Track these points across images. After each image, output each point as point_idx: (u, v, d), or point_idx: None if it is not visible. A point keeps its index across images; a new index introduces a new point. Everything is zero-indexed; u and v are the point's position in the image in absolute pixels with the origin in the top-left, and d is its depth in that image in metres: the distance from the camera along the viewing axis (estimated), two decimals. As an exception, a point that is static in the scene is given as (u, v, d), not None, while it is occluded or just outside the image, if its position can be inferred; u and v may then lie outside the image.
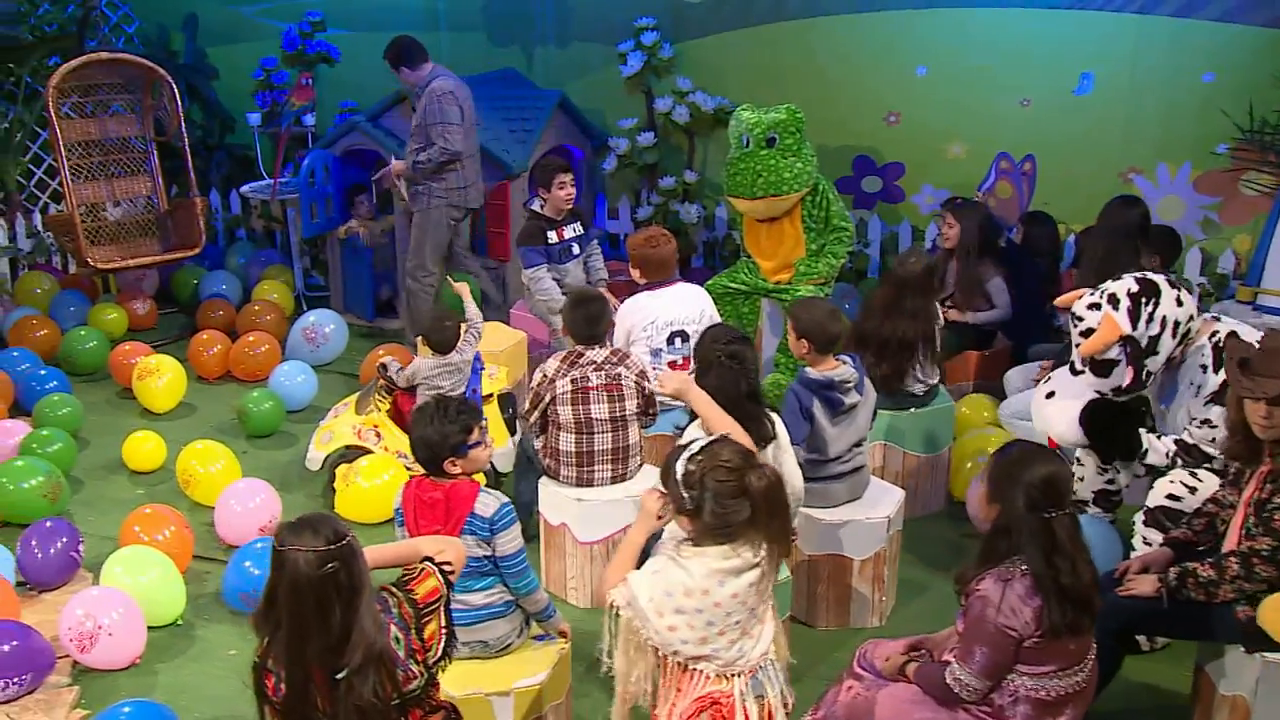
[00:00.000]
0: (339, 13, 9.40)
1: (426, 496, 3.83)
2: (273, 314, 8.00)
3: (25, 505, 5.63)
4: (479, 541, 3.79)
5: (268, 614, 2.91)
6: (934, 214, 7.97)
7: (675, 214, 8.58)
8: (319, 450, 5.89)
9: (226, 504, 5.49)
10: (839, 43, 7.95)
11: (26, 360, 7.24)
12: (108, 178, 8.32)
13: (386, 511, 5.61)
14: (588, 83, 8.78)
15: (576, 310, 4.89)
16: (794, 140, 6.76)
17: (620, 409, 4.87)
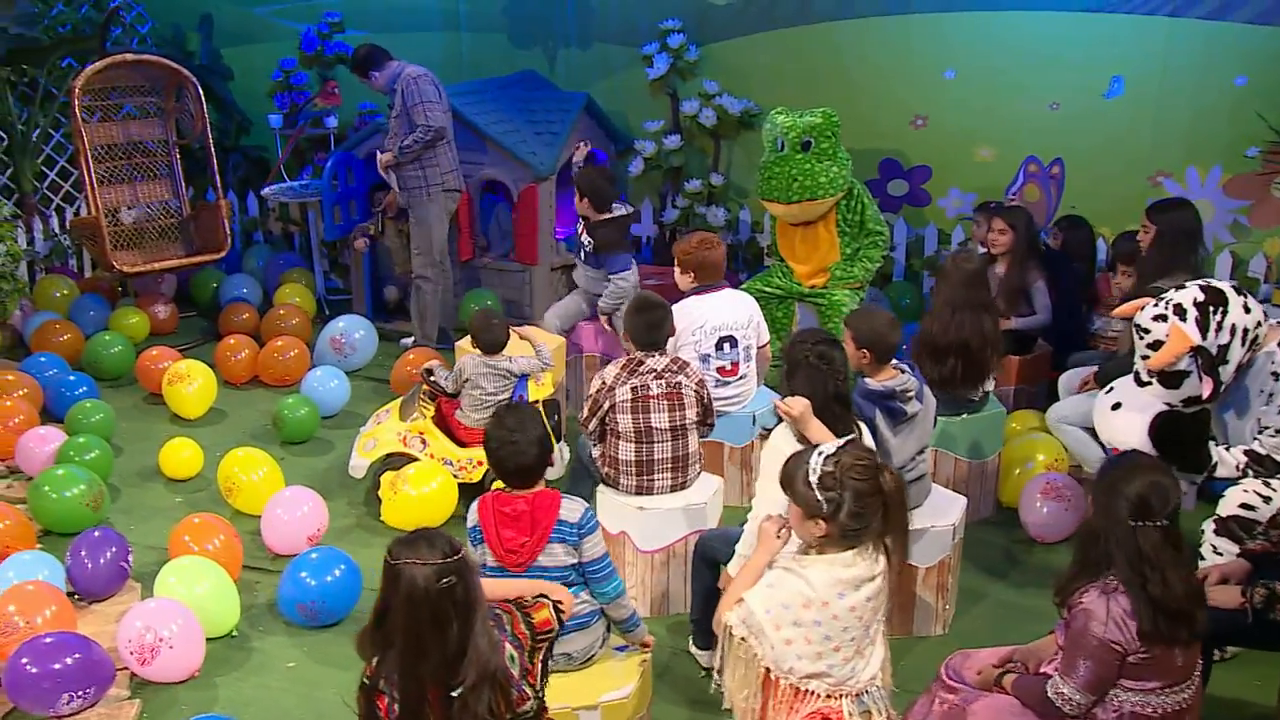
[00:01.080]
0: (357, 14, 9.33)
1: (508, 509, 3.79)
2: (298, 318, 7.93)
3: (68, 514, 5.56)
4: (567, 549, 3.76)
5: (379, 633, 2.86)
6: (960, 218, 7.97)
7: (701, 217, 8.54)
8: (363, 457, 5.83)
9: (273, 513, 5.42)
10: (866, 45, 7.92)
11: (54, 366, 7.15)
12: (129, 181, 8.22)
13: (435, 519, 5.58)
14: (610, 85, 8.73)
15: (639, 316, 4.84)
16: (829, 144, 6.75)
17: (680, 417, 4.82)
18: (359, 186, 8.24)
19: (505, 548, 3.77)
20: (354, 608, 4.92)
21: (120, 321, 8.05)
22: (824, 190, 6.77)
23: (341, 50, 9.24)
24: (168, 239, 8.39)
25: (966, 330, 5.36)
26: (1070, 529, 5.39)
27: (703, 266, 5.70)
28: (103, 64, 7.60)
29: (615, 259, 6.77)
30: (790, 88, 8.09)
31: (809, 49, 8.11)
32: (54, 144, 9.14)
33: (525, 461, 3.78)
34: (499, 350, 5.79)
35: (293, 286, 8.53)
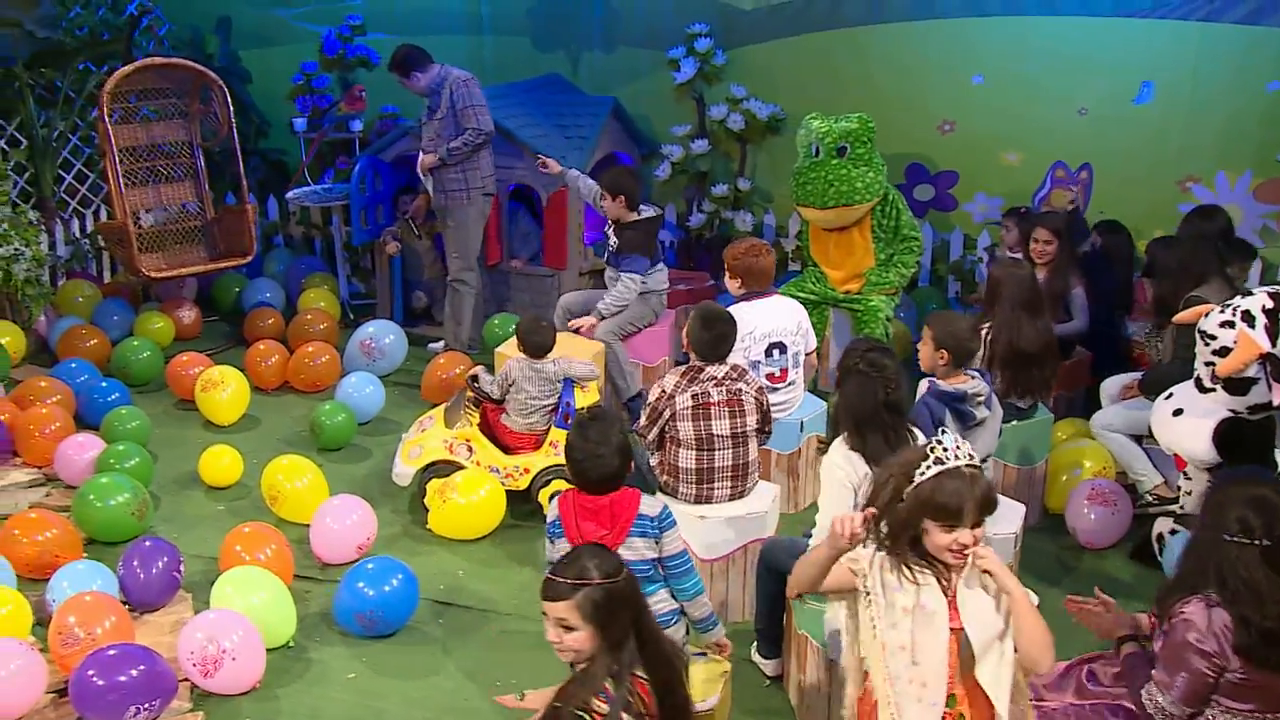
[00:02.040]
0: (379, 17, 9.28)
1: (589, 504, 3.81)
2: (325, 323, 7.88)
3: (114, 523, 5.51)
4: (648, 543, 3.78)
5: (615, 655, 2.93)
6: (987, 222, 7.97)
7: (729, 222, 8.53)
8: (408, 465, 5.79)
9: (322, 521, 5.37)
10: (894, 51, 7.92)
11: (85, 372, 7.09)
12: (151, 184, 8.15)
13: (484, 527, 5.57)
14: (634, 89, 8.71)
15: (706, 330, 4.82)
16: (865, 150, 6.77)
17: (741, 425, 4.81)
18: (385, 190, 8.19)
19: (586, 539, 3.76)
20: (411, 617, 4.87)
21: (145, 326, 7.99)
22: (860, 196, 6.78)
23: (363, 53, 9.20)
24: (191, 243, 8.32)
25: (1024, 337, 5.36)
26: (1118, 535, 5.40)
27: (750, 272, 5.69)
28: (132, 68, 7.53)
29: (633, 260, 6.77)
30: (817, 93, 8.09)
31: (836, 54, 8.11)
32: (70, 147, 9.05)
33: (608, 472, 3.79)
34: (545, 353, 5.77)
35: (317, 291, 8.48)
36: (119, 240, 7.69)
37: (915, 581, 3.10)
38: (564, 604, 2.93)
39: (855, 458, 4.00)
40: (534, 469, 5.74)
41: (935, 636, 3.08)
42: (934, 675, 3.09)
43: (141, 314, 8.19)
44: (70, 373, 7.03)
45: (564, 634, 2.96)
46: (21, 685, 4.25)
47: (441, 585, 5.20)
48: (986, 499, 3.02)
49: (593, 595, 2.92)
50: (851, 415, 4.00)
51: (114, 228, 7.70)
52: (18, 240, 7.59)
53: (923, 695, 3.09)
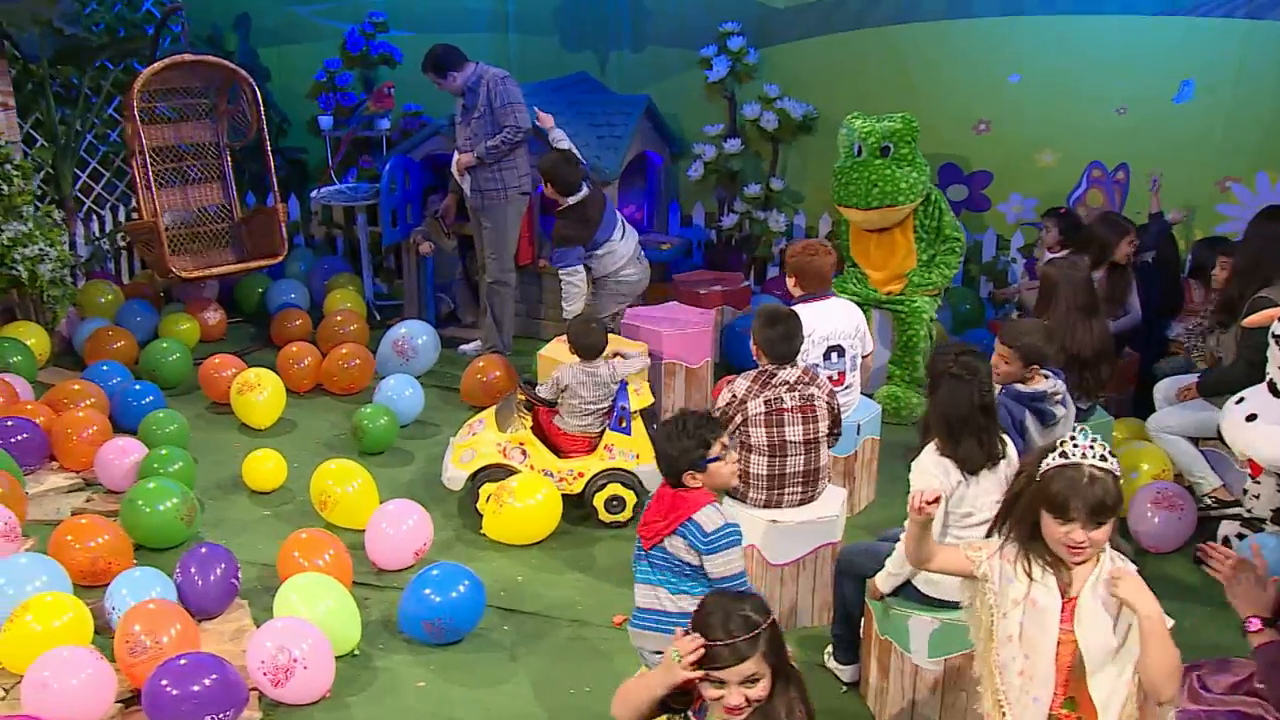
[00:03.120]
0: (402, 13, 9.24)
1: (665, 493, 3.83)
2: (355, 324, 7.82)
3: (163, 529, 5.46)
4: (689, 548, 3.72)
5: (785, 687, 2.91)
6: (1020, 223, 7.98)
7: (760, 222, 8.51)
8: (460, 469, 5.74)
9: (378, 527, 5.33)
10: (928, 50, 7.92)
11: (118, 374, 7.03)
12: (178, 184, 8.09)
13: (540, 532, 5.54)
14: (664, 88, 8.68)
15: (772, 328, 4.78)
16: (909, 150, 6.76)
17: (814, 430, 4.78)
18: (415, 190, 8.14)
19: (645, 522, 3.83)
20: (477, 624, 4.83)
21: (171, 328, 7.93)
22: (904, 196, 6.77)
23: (386, 50, 9.16)
24: (219, 243, 8.26)
25: (1080, 339, 5.35)
26: (1183, 539, 5.39)
27: (804, 272, 5.64)
28: (162, 65, 7.46)
29: (562, 254, 6.82)
30: (849, 92, 8.09)
31: (870, 53, 8.10)
32: (85, 145, 8.97)
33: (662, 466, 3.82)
34: (597, 355, 5.75)
35: (344, 292, 8.43)
36: (147, 241, 7.62)
37: (1029, 574, 3.12)
38: (751, 660, 2.85)
39: (947, 464, 3.99)
40: (588, 473, 5.71)
41: (1043, 633, 3.09)
42: (1040, 672, 3.09)
43: (166, 315, 8.13)
44: (102, 375, 6.96)
45: (749, 689, 2.87)
46: (91, 694, 4.20)
47: (502, 591, 5.16)
48: (1099, 502, 3.00)
49: (769, 637, 2.88)
50: (945, 420, 3.98)
51: (143, 227, 7.62)
52: (42, 240, 7.52)
53: (1027, 689, 3.11)
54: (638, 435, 5.77)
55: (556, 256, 6.82)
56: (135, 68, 8.98)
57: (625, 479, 5.69)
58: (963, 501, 4.03)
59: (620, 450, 5.72)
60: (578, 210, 6.82)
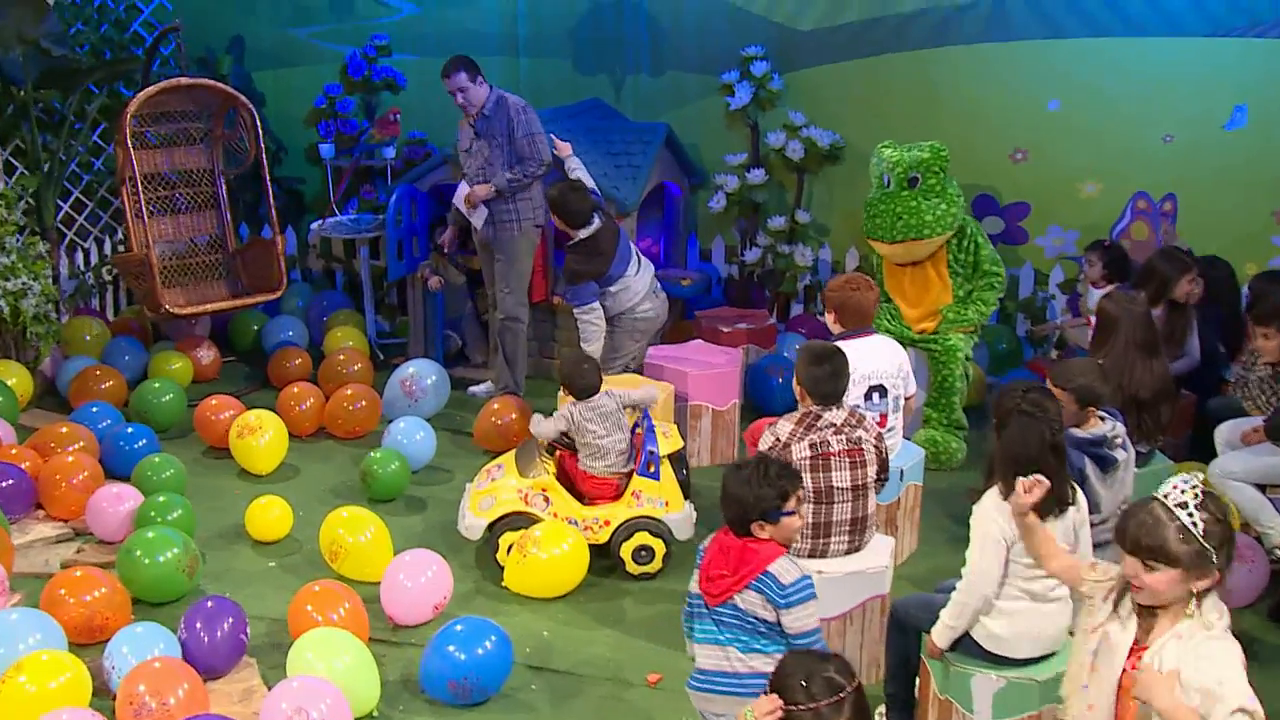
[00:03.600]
0: (407, 37, 9.27)
1: (725, 540, 3.78)
2: (359, 363, 7.78)
3: (163, 581, 5.38)
4: (765, 604, 3.69)
5: None
6: (1061, 257, 7.97)
7: (785, 256, 8.50)
8: (479, 517, 5.69)
9: (394, 579, 5.27)
10: (963, 75, 7.96)
11: (108, 416, 6.98)
12: (172, 214, 8.07)
13: (567, 584, 5.49)
14: (682, 115, 8.71)
15: (818, 366, 4.75)
16: (937, 180, 6.74)
17: (862, 476, 4.74)
18: (421, 222, 8.13)
19: (708, 576, 3.77)
20: (505, 683, 4.77)
21: (162, 367, 7.88)
22: (930, 229, 6.75)
23: (389, 75, 9.17)
24: (213, 277, 8.25)
25: (1139, 378, 5.33)
26: (1256, 593, 5.35)
27: (844, 308, 5.62)
28: (157, 88, 7.46)
29: (575, 291, 6.82)
30: (879, 119, 8.12)
31: (901, 78, 8.14)
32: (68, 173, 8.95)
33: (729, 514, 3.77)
34: (593, 394, 5.74)
35: (345, 330, 8.40)
36: (137, 274, 7.59)
37: (1114, 607, 3.19)
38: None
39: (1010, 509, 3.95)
40: (614, 521, 5.67)
41: (1108, 668, 3.16)
42: (1102, 705, 3.18)
43: (156, 354, 8.09)
44: (91, 417, 6.91)
45: None
46: (94, 761, 4.12)
47: (529, 648, 5.10)
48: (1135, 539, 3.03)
49: (854, 702, 2.86)
50: (1014, 461, 3.93)
51: (133, 260, 7.60)
52: (25, 273, 7.48)
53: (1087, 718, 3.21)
54: (666, 481, 5.73)
55: (570, 294, 6.83)
56: (122, 92, 9.00)
57: (654, 528, 5.64)
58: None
59: (648, 497, 5.68)
60: (589, 244, 6.81)
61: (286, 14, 9.53)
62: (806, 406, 4.83)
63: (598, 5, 8.82)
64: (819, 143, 8.22)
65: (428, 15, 9.21)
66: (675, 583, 5.60)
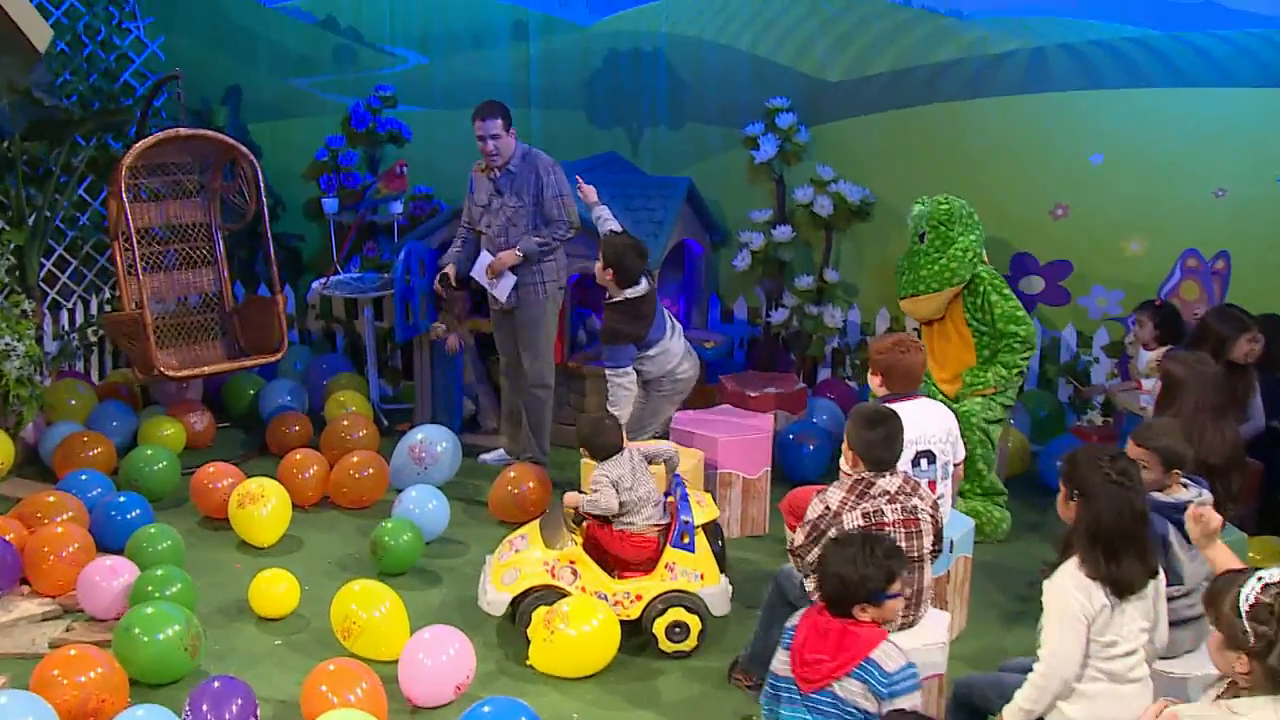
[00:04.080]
0: (413, 88, 9.32)
1: (824, 624, 3.77)
2: (364, 429, 7.73)
3: (164, 661, 5.29)
4: (867, 694, 3.67)
5: None
6: (1105, 318, 7.95)
7: (813, 318, 8.49)
8: (502, 591, 5.62)
9: (414, 657, 5.19)
10: (1000, 127, 7.99)
11: (98, 484, 6.92)
12: (165, 270, 8.06)
13: (597, 663, 5.43)
14: (702, 169, 8.73)
15: (871, 430, 4.72)
16: (938, 234, 6.85)
17: (918, 547, 4.70)
18: (429, 280, 8.13)
19: (803, 660, 3.76)
20: (535, 771, 4.68)
21: (153, 433, 7.82)
22: (925, 284, 6.90)
23: (394, 127, 9.22)
24: (208, 337, 8.22)
25: (1210, 443, 5.30)
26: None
27: (892, 371, 5.58)
28: (154, 139, 7.47)
29: (614, 352, 6.79)
30: (911, 174, 8.15)
31: (934, 131, 8.18)
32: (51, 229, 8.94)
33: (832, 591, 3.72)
34: (615, 454, 5.70)
35: (348, 394, 8.36)
36: (130, 334, 7.55)
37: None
38: None
39: (1092, 586, 3.90)
40: (647, 595, 5.60)
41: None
42: None
43: (147, 419, 8.03)
44: (80, 485, 6.84)
45: None
46: None
47: (558, 731, 5.02)
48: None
49: None
50: (1106, 535, 3.87)
51: (124, 319, 7.56)
52: (9, 334, 7.44)
53: None
54: (702, 553, 5.68)
55: (608, 355, 6.76)
56: (110, 144, 9.02)
57: (689, 603, 5.58)
58: (1107, 629, 3.95)
59: (683, 570, 5.62)
60: (633, 305, 6.77)
61: (287, 64, 9.59)
62: (859, 473, 4.78)
63: (614, 55, 8.87)
64: (849, 198, 8.25)
65: (435, 65, 9.27)
66: (712, 660, 5.55)
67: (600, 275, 6.80)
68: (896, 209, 8.27)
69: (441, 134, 9.20)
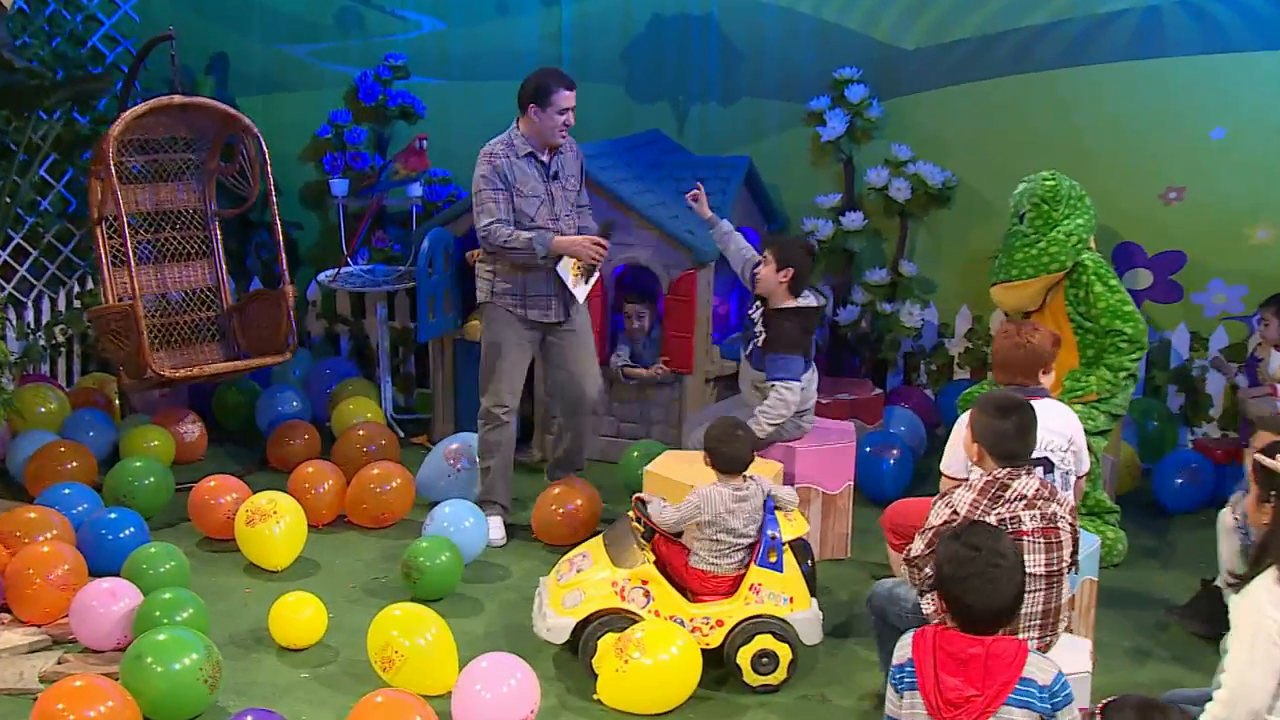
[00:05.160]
0: (427, 57, 9.33)
1: (957, 650, 3.74)
2: (384, 438, 7.71)
3: (179, 694, 5.20)
4: (1029, 717, 3.68)
5: None
6: (1223, 316, 7.93)
7: (887, 316, 8.47)
8: (564, 616, 5.58)
9: (468, 690, 5.12)
10: (1105, 99, 7.99)
11: (84, 499, 6.87)
12: (154, 262, 8.02)
13: (674, 697, 5.39)
14: (759, 149, 8.74)
15: (1003, 419, 4.67)
16: (1039, 213, 6.85)
17: (1057, 560, 4.65)
18: (454, 272, 8.11)
19: (946, 699, 3.73)
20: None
21: (138, 444, 7.77)
22: (1018, 269, 6.88)
23: (406, 101, 9.20)
24: (203, 338, 8.18)
25: None
26: None
27: (1007, 364, 5.55)
28: (145, 108, 7.40)
29: (788, 363, 6.69)
30: (998, 154, 8.19)
31: (1027, 104, 8.19)
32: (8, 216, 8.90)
33: (1001, 601, 3.65)
34: (741, 469, 5.64)
35: (358, 402, 8.33)
36: (118, 330, 7.49)
37: None
38: None
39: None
40: (729, 621, 5.55)
41: None
42: None
43: (129, 429, 7.98)
44: (64, 501, 6.79)
45: None
46: None
47: (635, 775, 4.98)
48: None
49: None
50: None
51: (113, 314, 7.50)
52: (-33, 334, 7.42)
53: None
54: (790, 573, 5.63)
55: (781, 365, 6.63)
56: (76, 118, 8.99)
57: (777, 629, 5.52)
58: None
59: (770, 592, 5.57)
60: (805, 316, 6.76)
61: (281, 29, 9.58)
62: (987, 470, 4.74)
63: (659, 21, 8.87)
64: (929, 180, 8.24)
65: (454, 32, 9.27)
66: (802, 696, 5.52)
67: (769, 279, 6.72)
68: (980, 194, 8.30)
69: (460, 110, 9.19)
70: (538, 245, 6.67)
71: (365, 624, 5.69)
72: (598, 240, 6.82)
